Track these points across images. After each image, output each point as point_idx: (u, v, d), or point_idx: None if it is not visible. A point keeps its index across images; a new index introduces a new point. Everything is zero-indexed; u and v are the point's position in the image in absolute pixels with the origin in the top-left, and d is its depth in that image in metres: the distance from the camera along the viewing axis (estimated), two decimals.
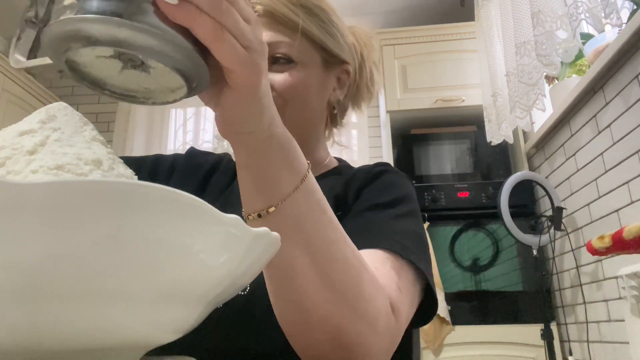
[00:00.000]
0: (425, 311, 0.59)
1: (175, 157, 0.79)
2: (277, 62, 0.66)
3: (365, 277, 0.45)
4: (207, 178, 0.76)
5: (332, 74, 0.73)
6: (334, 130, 0.81)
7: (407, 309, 0.53)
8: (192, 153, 0.80)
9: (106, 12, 0.30)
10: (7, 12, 2.68)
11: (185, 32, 0.32)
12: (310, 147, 0.73)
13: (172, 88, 0.36)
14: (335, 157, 0.80)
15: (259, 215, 0.42)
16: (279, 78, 0.65)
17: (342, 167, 0.77)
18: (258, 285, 0.51)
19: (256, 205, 0.42)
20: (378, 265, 0.51)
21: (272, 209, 0.42)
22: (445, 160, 2.46)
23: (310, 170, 0.44)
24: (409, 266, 0.55)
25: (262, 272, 0.46)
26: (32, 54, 0.37)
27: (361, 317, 0.44)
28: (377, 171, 0.68)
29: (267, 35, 0.66)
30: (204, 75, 0.35)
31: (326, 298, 0.43)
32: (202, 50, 0.34)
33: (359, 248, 0.53)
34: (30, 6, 0.37)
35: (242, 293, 0.58)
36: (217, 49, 0.33)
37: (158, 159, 0.78)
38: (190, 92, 0.36)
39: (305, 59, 0.68)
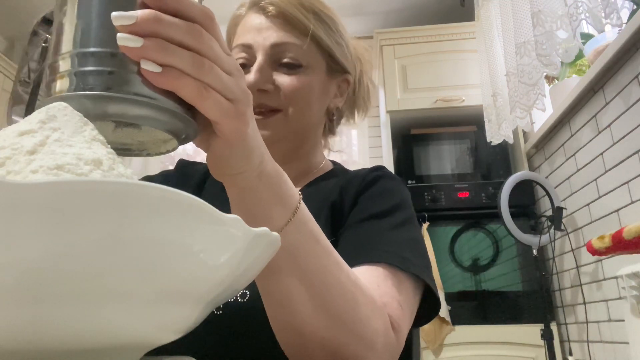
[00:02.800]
0: (424, 311, 0.60)
1: (165, 174, 0.80)
2: (286, 65, 0.67)
3: (361, 300, 0.46)
4: (199, 188, 0.77)
5: (334, 81, 0.75)
6: (330, 138, 0.83)
7: (408, 322, 0.54)
8: (181, 164, 0.82)
9: (95, 88, 0.31)
10: (7, 12, 2.68)
11: (171, 93, 0.34)
12: (307, 151, 0.76)
13: (163, 140, 0.38)
14: (330, 160, 0.82)
15: None
16: (287, 81, 0.67)
17: (337, 170, 0.79)
18: (257, 292, 0.52)
19: None
20: (380, 283, 0.53)
21: None
22: (445, 160, 2.46)
23: (302, 202, 0.45)
24: (409, 278, 0.56)
25: None
26: (28, 113, 0.38)
27: (359, 339, 0.46)
28: (372, 177, 0.69)
29: (277, 36, 0.67)
30: (193, 129, 0.36)
31: (323, 323, 0.44)
32: (190, 105, 0.35)
33: (359, 263, 0.54)
34: (22, 67, 0.38)
35: (242, 300, 0.58)
36: (202, 106, 0.34)
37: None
38: (181, 143, 0.38)
39: (312, 63, 0.69)
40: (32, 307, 0.21)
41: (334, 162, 0.82)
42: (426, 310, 0.60)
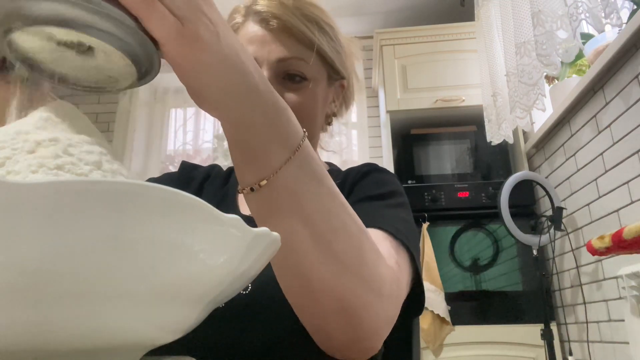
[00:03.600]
0: (415, 301, 0.60)
1: (168, 176, 0.81)
2: (292, 79, 0.67)
3: (367, 245, 0.45)
4: (200, 189, 0.79)
5: (332, 88, 0.76)
6: (323, 135, 0.84)
7: (405, 282, 0.54)
8: (185, 166, 0.83)
9: None
10: None
11: (127, 11, 0.31)
12: None
13: (131, 73, 0.35)
14: (326, 162, 0.83)
15: (252, 189, 0.41)
16: (293, 97, 0.67)
17: (333, 170, 0.80)
18: (260, 284, 0.52)
19: (248, 179, 0.41)
20: (378, 241, 0.52)
21: (264, 182, 0.41)
22: (445, 160, 2.46)
23: (305, 140, 0.43)
24: (403, 248, 0.56)
25: (263, 270, 0.47)
26: None
27: (366, 284, 0.44)
28: (366, 170, 0.71)
29: (282, 51, 0.66)
30: (151, 54, 0.33)
31: (329, 268, 0.43)
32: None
33: None
34: None
35: (244, 292, 0.58)
36: (147, 18, 0.31)
37: None
38: (144, 77, 0.35)
39: (316, 75, 0.70)
40: (32, 307, 0.21)
41: (329, 164, 0.83)
42: (414, 300, 0.60)
